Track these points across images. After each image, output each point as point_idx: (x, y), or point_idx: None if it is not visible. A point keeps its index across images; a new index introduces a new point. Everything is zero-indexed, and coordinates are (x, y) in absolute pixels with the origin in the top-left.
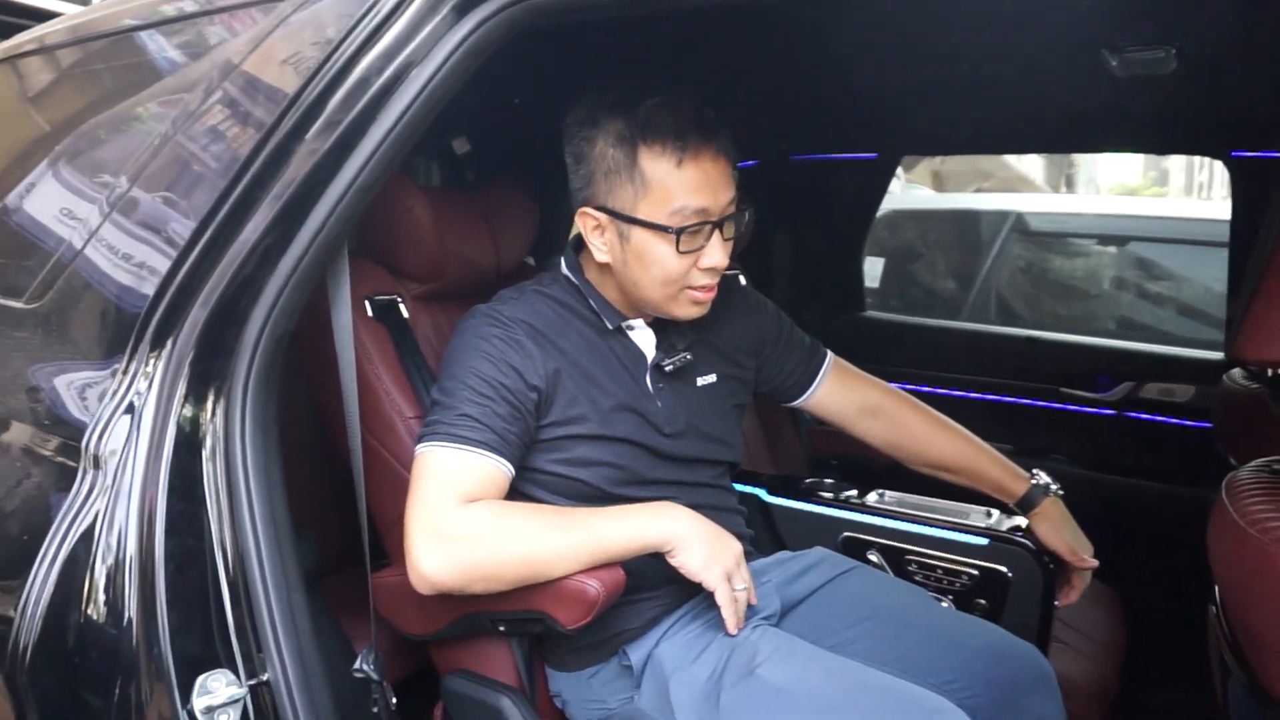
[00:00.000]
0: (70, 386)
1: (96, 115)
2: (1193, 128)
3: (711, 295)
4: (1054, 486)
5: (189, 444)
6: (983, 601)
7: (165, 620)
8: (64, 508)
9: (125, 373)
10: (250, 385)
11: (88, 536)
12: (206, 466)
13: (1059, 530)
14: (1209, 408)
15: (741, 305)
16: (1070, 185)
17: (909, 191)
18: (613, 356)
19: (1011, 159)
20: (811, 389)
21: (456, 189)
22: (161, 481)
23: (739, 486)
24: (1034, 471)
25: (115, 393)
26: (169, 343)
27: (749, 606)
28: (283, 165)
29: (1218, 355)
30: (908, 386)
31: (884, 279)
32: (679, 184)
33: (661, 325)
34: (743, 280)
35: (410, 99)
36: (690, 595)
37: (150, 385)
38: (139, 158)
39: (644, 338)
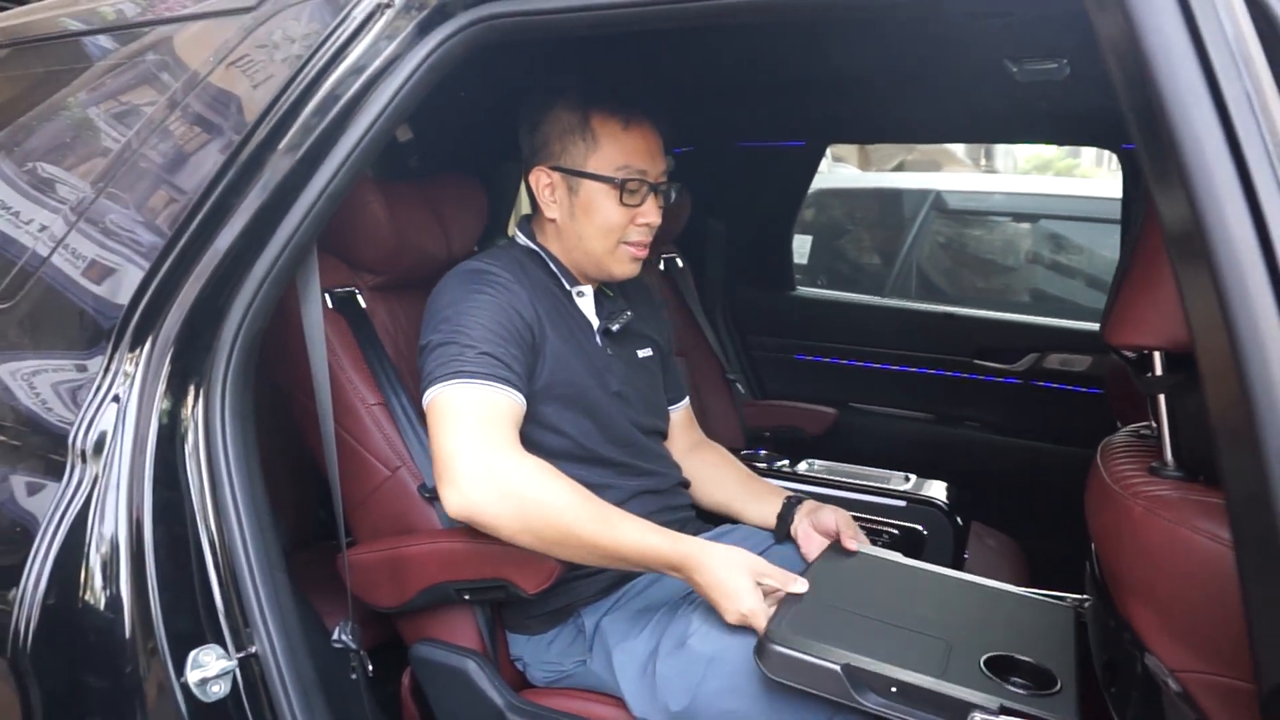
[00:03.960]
0: (52, 385)
1: (41, 121)
2: (1088, 124)
3: (644, 255)
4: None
5: (172, 437)
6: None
7: (157, 602)
8: (54, 501)
9: (107, 371)
10: (229, 380)
11: (80, 527)
12: (189, 458)
13: (820, 521)
14: (1103, 376)
15: (658, 306)
16: (989, 157)
17: (835, 170)
18: (571, 319)
19: None
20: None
21: (406, 180)
22: (147, 473)
23: None
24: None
25: (98, 390)
26: (149, 341)
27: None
28: (256, 175)
29: None
30: (836, 361)
31: (812, 255)
32: (624, 144)
33: (597, 299)
34: (680, 263)
35: (378, 111)
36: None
37: (132, 382)
38: (100, 167)
39: (588, 306)
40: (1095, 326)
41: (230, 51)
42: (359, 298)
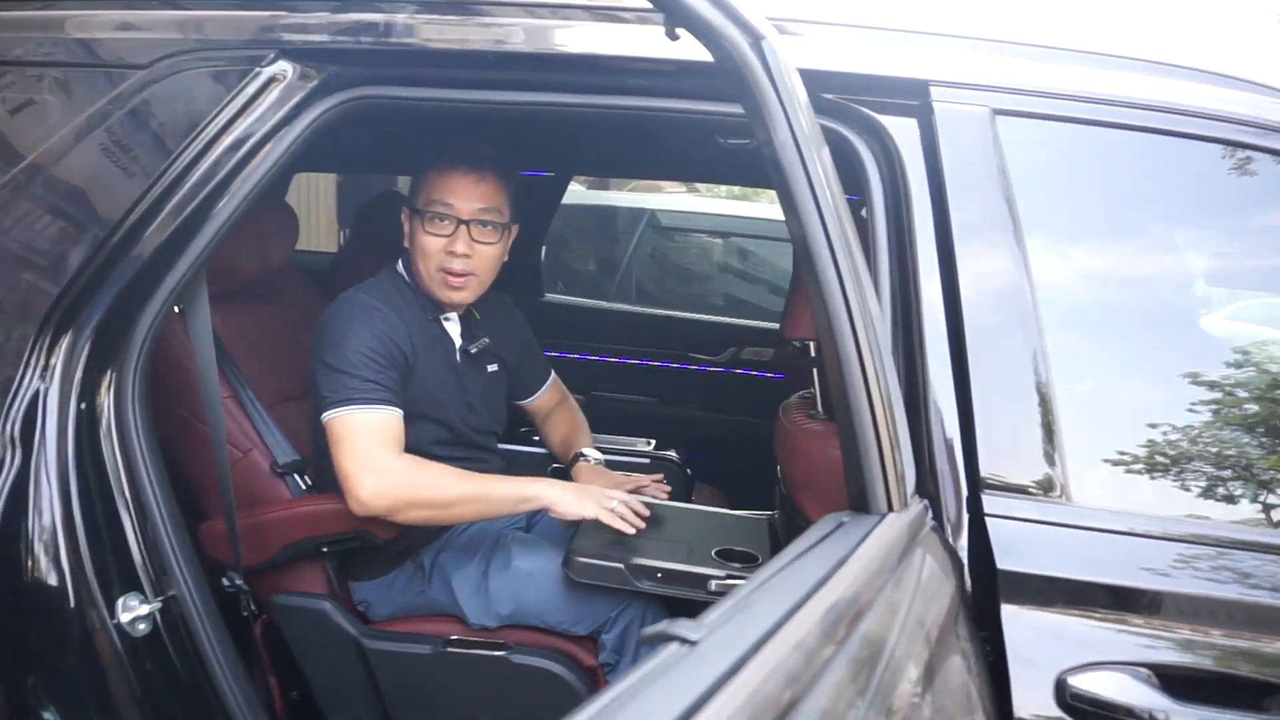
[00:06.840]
0: None
1: None
2: None
3: (461, 283)
4: (592, 458)
5: (90, 423)
6: None
7: (89, 561)
8: None
9: (28, 365)
10: (138, 373)
11: (17, 509)
12: (105, 442)
13: (579, 478)
14: (784, 364)
15: (517, 322)
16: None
17: None
18: (435, 340)
19: None
20: (537, 394)
21: None
22: (70, 456)
23: None
24: (585, 452)
25: (22, 380)
26: (69, 336)
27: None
28: (167, 203)
29: None
30: (580, 357)
31: (545, 264)
32: (436, 183)
33: (465, 322)
34: None
35: (271, 164)
36: None
37: (54, 373)
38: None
39: (453, 328)
40: (777, 325)
41: (133, 98)
42: None
